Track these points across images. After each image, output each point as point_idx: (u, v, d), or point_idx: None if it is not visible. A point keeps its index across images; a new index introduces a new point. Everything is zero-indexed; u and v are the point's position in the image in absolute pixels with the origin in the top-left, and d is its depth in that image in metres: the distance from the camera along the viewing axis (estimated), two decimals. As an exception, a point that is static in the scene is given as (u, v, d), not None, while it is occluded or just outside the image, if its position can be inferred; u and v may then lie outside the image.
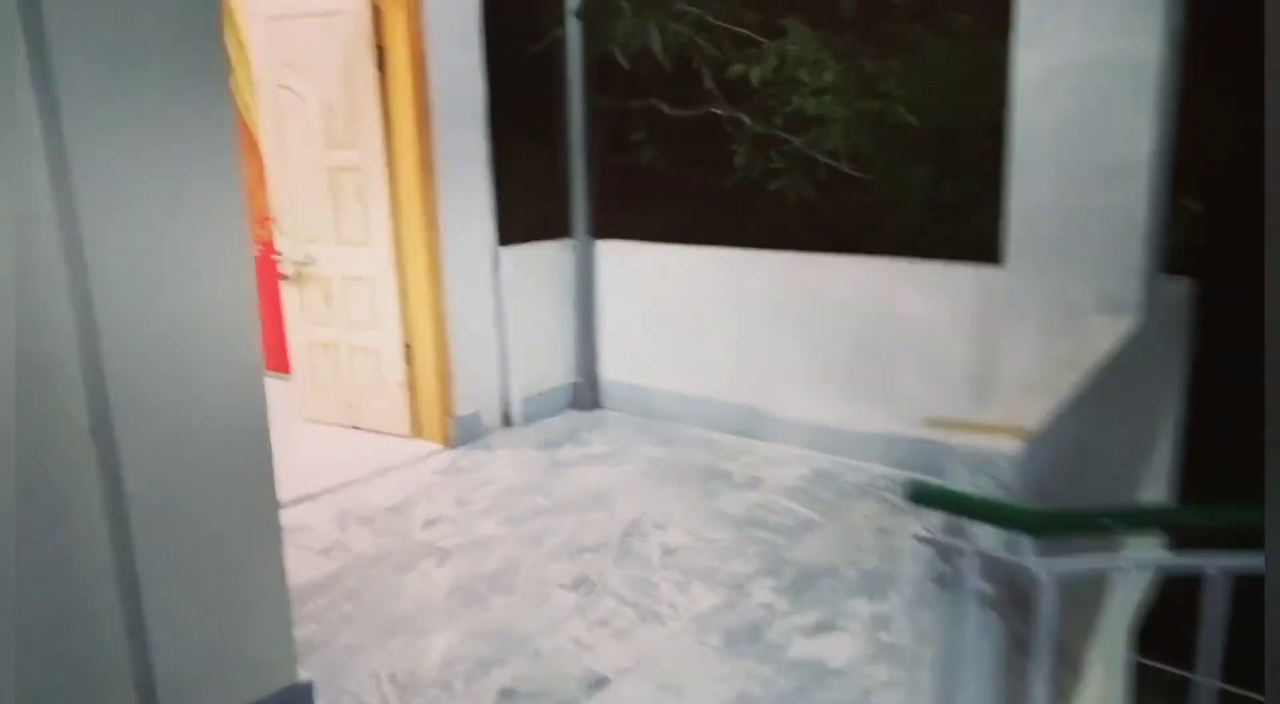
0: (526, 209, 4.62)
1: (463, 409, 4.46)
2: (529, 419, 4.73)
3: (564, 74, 4.55)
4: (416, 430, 4.51)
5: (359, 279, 4.44)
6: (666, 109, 4.56)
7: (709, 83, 4.34)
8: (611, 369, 4.91)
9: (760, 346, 4.34)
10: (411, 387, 4.46)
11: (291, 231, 4.58)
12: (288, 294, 4.70)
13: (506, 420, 4.71)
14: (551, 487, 3.92)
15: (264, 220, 4.89)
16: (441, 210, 4.22)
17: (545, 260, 4.73)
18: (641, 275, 4.71)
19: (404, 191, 4.20)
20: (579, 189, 4.67)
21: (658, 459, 4.21)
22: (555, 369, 4.85)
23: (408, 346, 4.41)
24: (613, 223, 4.78)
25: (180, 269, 1.99)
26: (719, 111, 4.38)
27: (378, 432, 4.59)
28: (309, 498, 3.86)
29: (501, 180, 4.44)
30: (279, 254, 4.62)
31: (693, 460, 4.18)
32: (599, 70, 4.55)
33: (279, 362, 4.99)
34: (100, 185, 1.85)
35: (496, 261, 4.51)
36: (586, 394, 4.92)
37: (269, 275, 4.77)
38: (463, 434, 4.46)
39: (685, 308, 4.58)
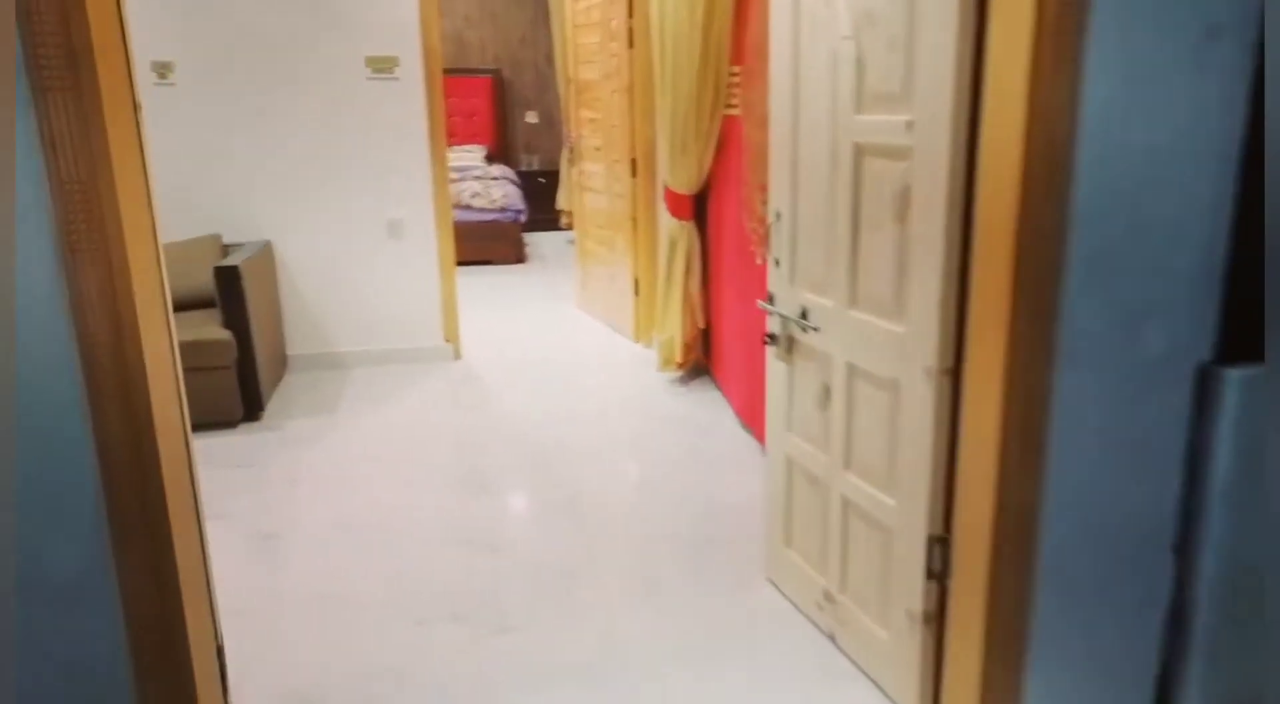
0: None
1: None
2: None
3: None
4: (928, 697, 2.13)
5: (877, 381, 2.15)
6: None
7: None
8: None
9: None
10: (938, 622, 2.07)
11: (788, 262, 2.48)
12: (773, 367, 2.63)
13: (1150, 755, 2.03)
14: None
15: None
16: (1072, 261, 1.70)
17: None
18: None
19: (990, 209, 1.77)
20: None
21: None
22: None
23: (942, 542, 2.02)
24: None
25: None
26: None
27: (857, 666, 2.31)
28: None
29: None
30: (770, 299, 2.57)
31: None
32: None
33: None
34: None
35: (1208, 399, 1.81)
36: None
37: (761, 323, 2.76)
38: (1026, 771, 1.95)
39: None
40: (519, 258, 8.13)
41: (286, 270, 4.91)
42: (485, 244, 7.91)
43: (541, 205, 9.23)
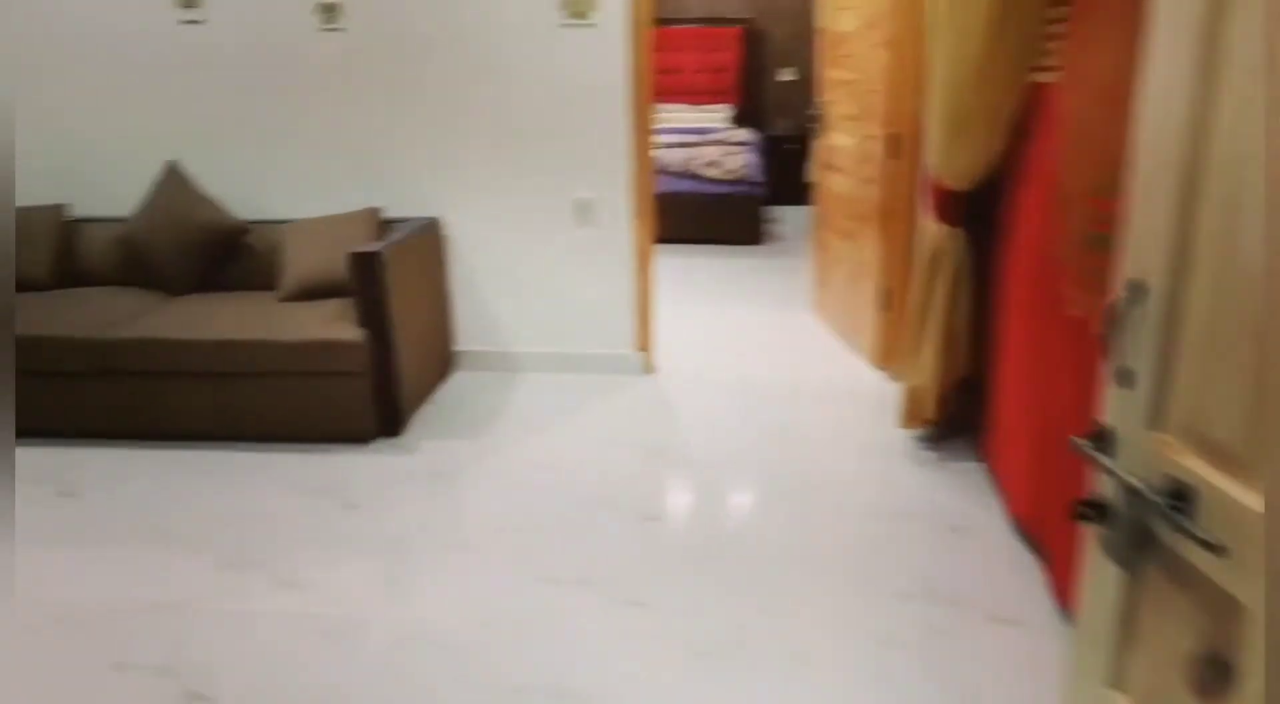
0: None
1: None
2: None
3: None
4: None
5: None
6: None
7: None
8: None
9: None
10: None
11: (1153, 382, 1.27)
12: (1096, 561, 1.43)
13: None
14: None
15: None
16: None
17: None
18: None
19: None
20: None
21: None
22: None
23: None
24: None
25: None
26: None
27: None
28: None
29: None
30: (1103, 442, 1.37)
31: None
32: None
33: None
34: None
35: None
36: None
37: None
38: None
39: None
40: (754, 238, 7.05)
41: (458, 252, 4.15)
42: (714, 221, 6.89)
43: (790, 175, 8.07)
